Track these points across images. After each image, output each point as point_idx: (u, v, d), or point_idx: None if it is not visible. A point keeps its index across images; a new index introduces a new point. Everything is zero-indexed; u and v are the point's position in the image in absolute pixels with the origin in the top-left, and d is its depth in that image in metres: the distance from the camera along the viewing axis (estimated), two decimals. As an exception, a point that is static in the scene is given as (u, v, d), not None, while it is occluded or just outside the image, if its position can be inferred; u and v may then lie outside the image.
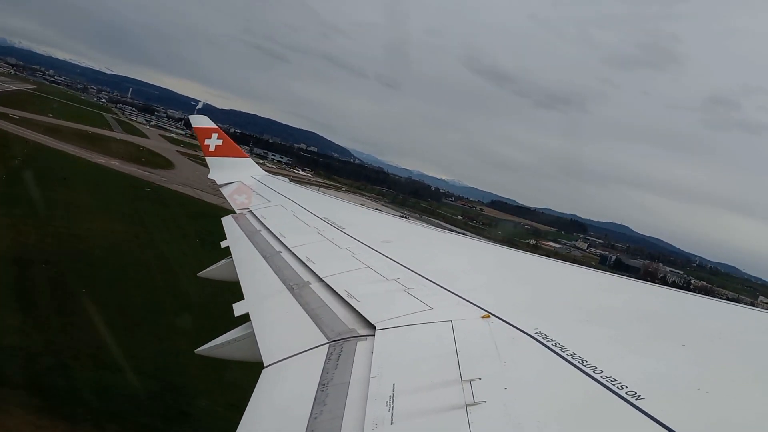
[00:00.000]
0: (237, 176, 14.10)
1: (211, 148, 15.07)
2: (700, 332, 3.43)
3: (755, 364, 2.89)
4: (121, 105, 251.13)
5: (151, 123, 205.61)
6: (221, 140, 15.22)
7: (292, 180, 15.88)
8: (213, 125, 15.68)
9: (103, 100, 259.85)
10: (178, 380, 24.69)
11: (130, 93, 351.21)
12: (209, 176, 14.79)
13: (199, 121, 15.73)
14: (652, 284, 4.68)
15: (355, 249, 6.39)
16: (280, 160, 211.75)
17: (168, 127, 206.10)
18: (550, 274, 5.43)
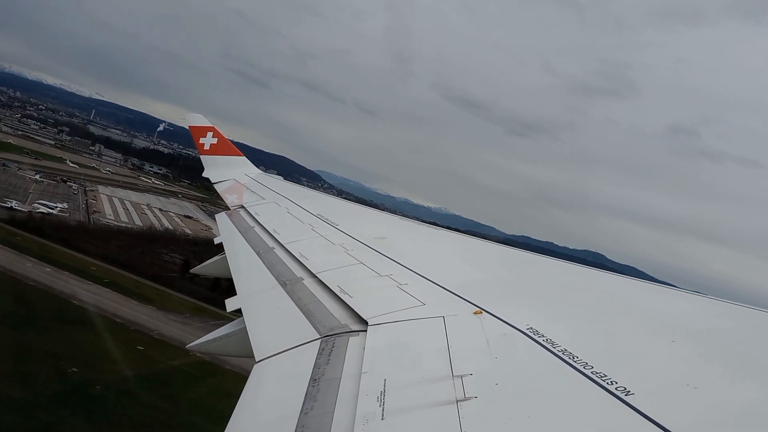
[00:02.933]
0: (231, 174, 14.05)
1: (206, 147, 15.01)
2: (689, 328, 3.45)
3: (744, 360, 2.91)
4: (26, 119, 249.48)
5: (18, 131, 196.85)
6: (216, 139, 15.16)
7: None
8: (208, 124, 15.60)
9: (19, 115, 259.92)
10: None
11: (92, 114, 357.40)
12: (203, 174, 14.70)
13: (194, 120, 15.65)
14: (643, 281, 4.69)
15: (348, 245, 6.38)
16: (158, 171, 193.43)
17: (39, 137, 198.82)
18: (542, 270, 5.44)
